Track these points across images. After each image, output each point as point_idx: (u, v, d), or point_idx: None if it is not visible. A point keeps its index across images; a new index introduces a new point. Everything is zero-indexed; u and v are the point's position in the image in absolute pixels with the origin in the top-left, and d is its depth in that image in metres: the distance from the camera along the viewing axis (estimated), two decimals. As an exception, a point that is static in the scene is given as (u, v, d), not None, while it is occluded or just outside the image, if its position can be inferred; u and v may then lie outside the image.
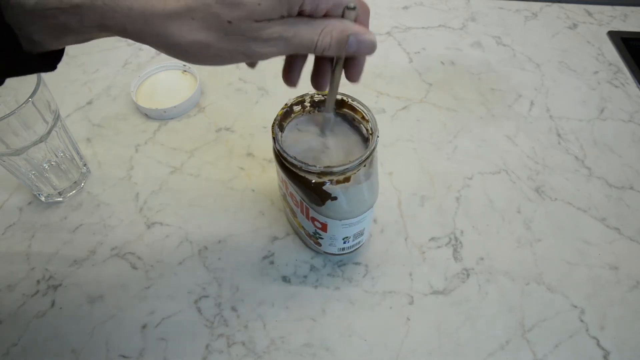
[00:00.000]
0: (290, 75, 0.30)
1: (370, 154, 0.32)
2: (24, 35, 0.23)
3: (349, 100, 0.35)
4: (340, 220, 0.36)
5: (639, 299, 0.41)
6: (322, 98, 0.36)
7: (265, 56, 0.26)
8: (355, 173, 0.32)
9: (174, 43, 0.24)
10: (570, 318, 0.40)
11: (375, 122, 0.34)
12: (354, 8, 0.26)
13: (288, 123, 0.36)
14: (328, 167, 0.31)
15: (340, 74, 0.30)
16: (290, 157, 0.32)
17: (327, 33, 0.25)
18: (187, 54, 0.25)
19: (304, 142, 0.35)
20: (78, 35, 0.25)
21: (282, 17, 0.24)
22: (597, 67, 0.63)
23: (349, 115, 0.36)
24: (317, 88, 0.31)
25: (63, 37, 0.24)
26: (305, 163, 0.31)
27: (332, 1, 0.25)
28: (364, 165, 0.32)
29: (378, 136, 0.33)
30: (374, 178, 0.35)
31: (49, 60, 0.26)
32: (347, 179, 0.32)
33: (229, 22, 0.23)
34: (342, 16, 0.26)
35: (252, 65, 0.30)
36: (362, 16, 0.27)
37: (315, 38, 0.25)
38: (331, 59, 0.29)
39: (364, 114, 0.35)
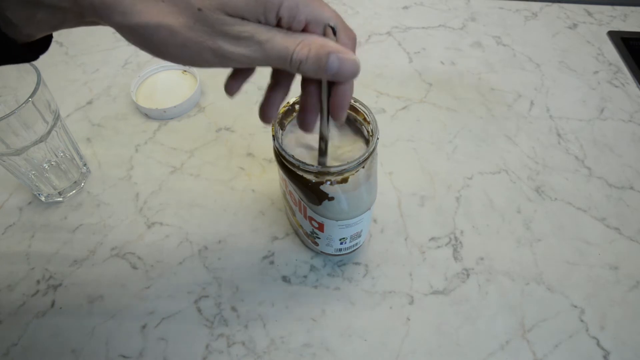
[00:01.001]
0: (267, 109, 0.29)
1: (370, 155, 0.32)
2: None
3: (351, 100, 0.35)
4: (337, 220, 0.36)
5: (639, 299, 0.41)
6: None
7: (235, 59, 0.24)
8: (353, 174, 0.32)
9: (140, 25, 0.23)
10: (570, 318, 0.40)
11: (376, 123, 0.34)
12: (334, 27, 0.24)
13: (290, 122, 0.36)
14: (326, 167, 0.31)
15: (328, 104, 0.27)
16: (289, 155, 0.32)
17: (305, 45, 0.24)
18: (151, 40, 0.24)
19: (304, 141, 0.35)
20: (51, 14, 0.24)
21: (259, 22, 0.24)
22: (597, 67, 0.63)
23: (350, 116, 0.36)
24: (305, 129, 0.29)
25: (35, 14, 0.24)
26: (303, 162, 0.31)
27: (311, 13, 0.24)
28: (363, 167, 0.32)
29: (378, 138, 0.33)
30: (373, 179, 0.35)
31: (32, 50, 0.26)
32: (345, 180, 0.32)
33: (199, 9, 0.23)
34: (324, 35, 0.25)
35: (229, 91, 0.29)
36: (347, 42, 0.26)
37: (291, 47, 0.24)
38: (317, 96, 0.27)
39: (366, 116, 0.35)
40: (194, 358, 0.37)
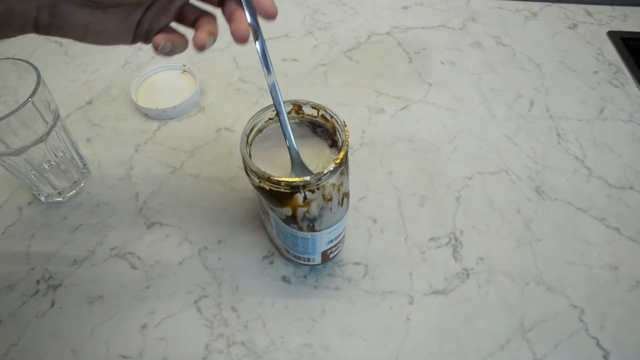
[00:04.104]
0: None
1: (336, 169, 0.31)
2: None
3: (322, 110, 0.35)
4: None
5: (639, 299, 0.41)
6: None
7: None
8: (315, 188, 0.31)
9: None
10: (570, 318, 0.40)
11: (347, 135, 0.33)
12: None
13: (256, 136, 0.36)
14: (281, 179, 0.30)
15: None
16: (255, 167, 0.31)
17: None
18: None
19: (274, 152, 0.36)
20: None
21: None
22: (597, 67, 0.63)
23: (328, 127, 0.36)
24: (238, 39, 0.28)
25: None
26: (264, 172, 0.31)
27: None
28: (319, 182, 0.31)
29: (347, 151, 0.31)
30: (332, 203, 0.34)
31: None
32: (311, 191, 0.31)
33: None
34: None
35: (199, 44, 0.29)
36: None
37: None
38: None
39: (336, 127, 0.35)
40: (194, 358, 0.37)
